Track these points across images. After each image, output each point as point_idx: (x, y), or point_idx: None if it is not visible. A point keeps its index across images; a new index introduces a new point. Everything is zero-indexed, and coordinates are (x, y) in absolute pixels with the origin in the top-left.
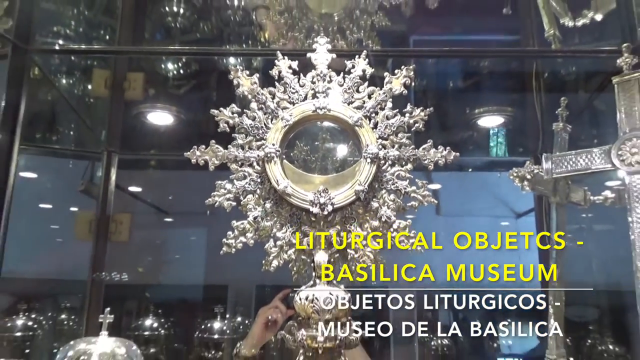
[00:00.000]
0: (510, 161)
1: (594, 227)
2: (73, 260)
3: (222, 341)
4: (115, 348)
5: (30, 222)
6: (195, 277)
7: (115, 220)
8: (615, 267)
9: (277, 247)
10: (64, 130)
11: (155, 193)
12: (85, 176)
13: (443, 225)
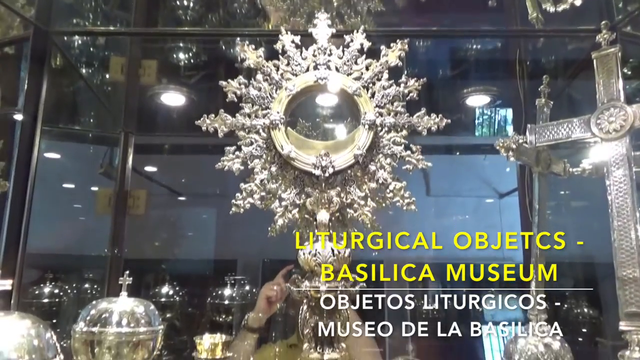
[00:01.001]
0: None
1: (572, 204)
2: (95, 236)
3: (232, 307)
4: (134, 307)
5: (54, 201)
6: (206, 253)
7: (132, 195)
8: (590, 241)
9: (282, 207)
10: (84, 114)
11: (169, 175)
12: (105, 160)
13: (433, 204)
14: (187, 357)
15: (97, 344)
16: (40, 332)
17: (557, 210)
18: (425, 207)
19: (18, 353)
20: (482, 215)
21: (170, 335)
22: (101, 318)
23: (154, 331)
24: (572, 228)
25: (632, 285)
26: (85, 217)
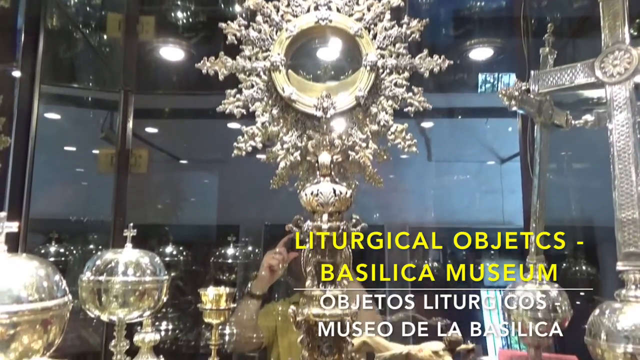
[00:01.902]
0: (498, 108)
1: (573, 165)
2: (98, 201)
3: (235, 265)
4: (139, 257)
5: (56, 164)
6: (209, 218)
7: (134, 154)
8: (590, 204)
9: (284, 150)
10: (83, 74)
11: (169, 140)
12: (105, 124)
13: (434, 170)
14: (192, 313)
15: (104, 292)
16: (48, 272)
17: (558, 172)
18: (426, 173)
19: (28, 291)
20: (483, 180)
21: (175, 295)
22: (107, 268)
23: (159, 281)
24: (573, 190)
25: (631, 226)
26: (88, 181)
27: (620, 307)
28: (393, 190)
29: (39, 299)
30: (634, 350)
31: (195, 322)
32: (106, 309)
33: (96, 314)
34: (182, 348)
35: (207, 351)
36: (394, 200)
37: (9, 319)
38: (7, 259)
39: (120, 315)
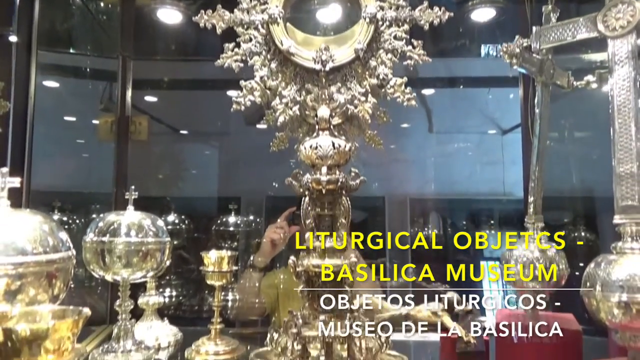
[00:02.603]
0: (500, 77)
1: (575, 134)
2: (99, 173)
3: (236, 233)
4: (141, 219)
5: (56, 136)
6: (210, 190)
7: (134, 121)
8: (591, 174)
9: (282, 104)
10: (80, 41)
11: (169, 112)
12: (105, 95)
13: (435, 141)
14: (195, 280)
15: (107, 252)
16: (52, 227)
17: (559, 141)
18: (427, 144)
19: (32, 244)
20: (484, 152)
21: (178, 264)
22: (110, 229)
23: (162, 242)
24: (573, 160)
25: (629, 180)
26: (89, 153)
27: (616, 259)
28: (394, 161)
29: (44, 251)
30: (628, 299)
31: (198, 288)
32: (110, 269)
33: (100, 274)
34: (186, 313)
35: (210, 315)
36: (394, 172)
37: (14, 269)
38: (10, 212)
39: (124, 275)
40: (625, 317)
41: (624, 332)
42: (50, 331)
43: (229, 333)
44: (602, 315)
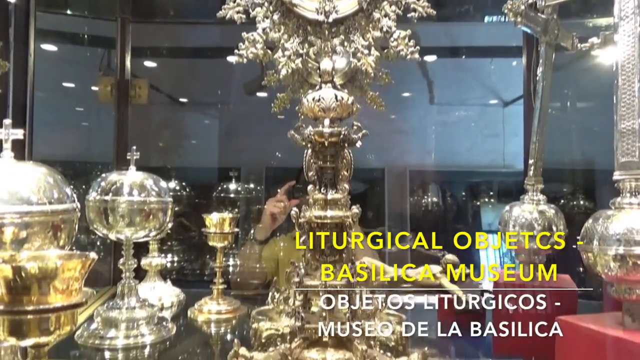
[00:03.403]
0: (503, 47)
1: (577, 104)
2: (100, 143)
3: (237, 200)
4: (143, 179)
5: (56, 103)
6: (210, 161)
7: (134, 85)
8: (591, 146)
9: (285, 57)
10: (77, 2)
11: (168, 82)
12: (103, 63)
13: (436, 113)
14: (196, 245)
15: (110, 211)
16: (57, 180)
17: (561, 110)
18: (428, 116)
19: (37, 195)
20: (485, 124)
21: (180, 231)
22: (112, 188)
23: (164, 202)
24: (574, 132)
25: (630, 136)
26: (89, 122)
27: (614, 214)
28: (394, 133)
29: (48, 202)
30: (624, 251)
31: (199, 253)
32: (113, 227)
33: (104, 233)
34: (188, 277)
35: (211, 279)
36: (394, 143)
37: (20, 218)
38: (14, 164)
39: (127, 234)
40: (621, 270)
41: (620, 285)
42: (59, 270)
43: (231, 294)
44: (599, 269)
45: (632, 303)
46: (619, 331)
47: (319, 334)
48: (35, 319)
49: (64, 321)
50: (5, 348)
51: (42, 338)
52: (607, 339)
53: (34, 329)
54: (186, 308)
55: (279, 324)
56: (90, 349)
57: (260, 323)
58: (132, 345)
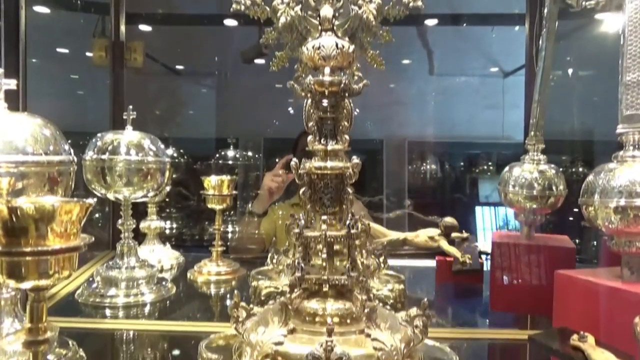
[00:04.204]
0: (506, 14)
1: (579, 73)
2: (95, 112)
3: (235, 167)
4: (140, 139)
5: (50, 70)
6: (207, 131)
7: (129, 47)
8: (591, 116)
9: (284, 4)
10: None
11: (164, 50)
12: (97, 29)
13: (436, 83)
14: (195, 210)
15: (107, 170)
16: (53, 132)
17: (562, 79)
18: (427, 87)
19: (32, 145)
20: (485, 95)
21: (178, 199)
22: (109, 148)
23: (162, 162)
24: (575, 103)
25: (635, 89)
26: (84, 90)
27: (616, 167)
28: (393, 104)
29: (44, 153)
30: (626, 203)
31: (198, 219)
32: (111, 187)
33: (102, 192)
34: (187, 242)
35: (211, 243)
36: (393, 114)
37: (15, 168)
38: (8, 114)
39: (125, 193)
40: (622, 222)
41: (620, 238)
42: (56, 213)
43: (230, 257)
44: (599, 222)
45: (631, 256)
46: (618, 283)
47: (318, 284)
48: (33, 261)
49: (63, 265)
50: (6, 299)
51: (41, 281)
52: (605, 290)
53: (32, 272)
54: (185, 271)
55: (278, 283)
56: (91, 307)
57: (259, 281)
58: (133, 304)
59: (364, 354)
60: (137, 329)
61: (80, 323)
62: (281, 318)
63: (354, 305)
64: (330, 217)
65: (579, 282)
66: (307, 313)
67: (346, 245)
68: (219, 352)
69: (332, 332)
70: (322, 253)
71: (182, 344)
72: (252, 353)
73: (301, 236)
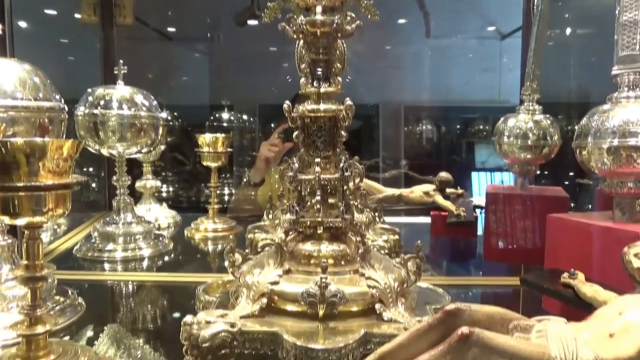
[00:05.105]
0: None
1: (577, 31)
2: (86, 81)
3: (230, 129)
4: (133, 94)
5: (38, 34)
6: (201, 98)
7: (117, 4)
8: (588, 78)
9: None
10: None
11: (156, 13)
12: None
13: (432, 47)
14: (191, 173)
15: (100, 125)
16: (43, 80)
17: (560, 37)
18: (424, 50)
19: (21, 90)
20: (482, 58)
21: (174, 164)
22: (100, 102)
23: (155, 117)
24: (573, 64)
25: (632, 28)
26: (74, 56)
27: (610, 108)
28: (389, 68)
29: (34, 98)
30: (619, 143)
31: (194, 181)
32: (105, 142)
33: (96, 148)
34: (183, 203)
35: (207, 202)
36: (389, 79)
37: (5, 112)
38: None
39: (119, 149)
40: (614, 163)
41: (612, 179)
42: (47, 148)
43: (227, 216)
44: (592, 164)
45: (622, 197)
46: (609, 223)
47: (313, 227)
48: (27, 197)
49: (57, 202)
50: (3, 246)
51: (35, 218)
52: (597, 230)
53: (26, 208)
54: (182, 230)
55: (274, 236)
56: (90, 261)
57: (256, 234)
58: (131, 258)
59: (358, 291)
60: (135, 280)
61: (78, 275)
62: (277, 260)
63: (348, 247)
64: (324, 161)
65: (571, 224)
66: (302, 255)
67: (340, 188)
68: (216, 296)
69: (327, 269)
70: (316, 196)
71: (180, 294)
72: (248, 294)
73: (295, 180)
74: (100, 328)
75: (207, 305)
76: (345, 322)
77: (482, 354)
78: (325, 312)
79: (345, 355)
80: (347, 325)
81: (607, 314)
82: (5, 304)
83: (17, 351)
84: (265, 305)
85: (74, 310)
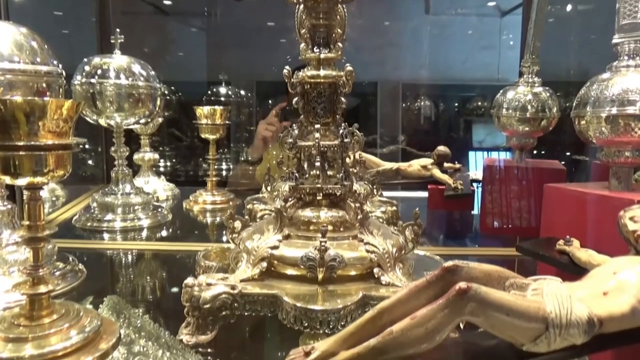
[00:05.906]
0: None
1: (578, 7)
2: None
3: (228, 103)
4: (130, 64)
5: (32, 6)
6: (198, 74)
7: None
8: (587, 55)
9: None
10: None
11: None
12: None
13: (432, 23)
14: (189, 147)
15: (97, 95)
16: (41, 44)
17: (560, 12)
18: (423, 27)
19: (18, 53)
20: (481, 35)
21: (171, 140)
22: (97, 72)
23: (153, 87)
24: (573, 41)
25: None
26: (69, 29)
27: (610, 77)
28: (387, 45)
29: (31, 62)
30: (617, 112)
31: (192, 156)
32: (102, 112)
33: (94, 118)
34: (181, 177)
35: (206, 176)
36: (388, 57)
37: (2, 75)
38: None
39: (117, 119)
40: (612, 132)
41: (609, 148)
42: (47, 107)
43: (225, 189)
44: (590, 134)
45: (619, 166)
46: (605, 191)
47: (312, 194)
48: (27, 156)
49: (57, 163)
50: (3, 211)
51: (36, 178)
52: (593, 198)
53: (27, 168)
54: (181, 202)
55: (272, 206)
56: (89, 231)
57: (255, 205)
58: (130, 228)
59: (357, 256)
60: (134, 249)
61: (78, 244)
62: (276, 226)
63: (347, 214)
64: (323, 127)
65: (567, 193)
66: (301, 222)
67: (339, 155)
68: (216, 261)
69: (326, 233)
70: (315, 162)
71: (179, 261)
72: (248, 258)
73: (295, 146)
74: (101, 295)
75: (207, 271)
76: (344, 285)
77: (479, 309)
78: (324, 276)
79: (344, 316)
80: (346, 288)
81: (601, 274)
82: (7, 267)
83: (21, 310)
84: (265, 269)
85: (74, 276)
